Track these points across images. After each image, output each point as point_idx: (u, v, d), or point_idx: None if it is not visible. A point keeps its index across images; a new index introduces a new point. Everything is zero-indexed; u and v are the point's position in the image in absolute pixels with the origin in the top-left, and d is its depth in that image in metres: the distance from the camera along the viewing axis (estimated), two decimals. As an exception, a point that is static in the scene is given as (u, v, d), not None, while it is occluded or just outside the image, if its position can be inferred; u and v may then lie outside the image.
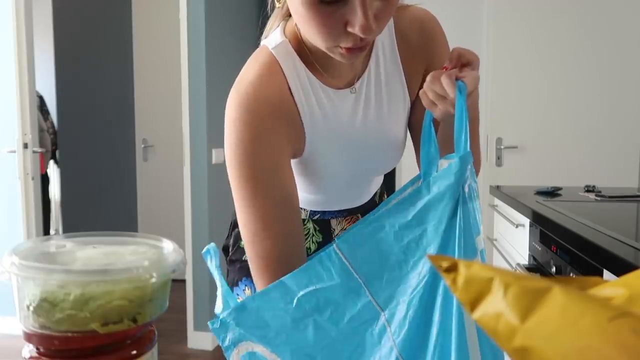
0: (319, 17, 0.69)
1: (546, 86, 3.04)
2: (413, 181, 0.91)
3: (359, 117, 0.90)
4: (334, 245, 0.67)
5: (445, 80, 0.71)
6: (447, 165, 0.81)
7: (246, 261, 1.00)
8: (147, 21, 4.27)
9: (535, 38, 3.01)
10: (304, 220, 1.01)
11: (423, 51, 0.91)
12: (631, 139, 2.98)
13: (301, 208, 1.01)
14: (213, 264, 0.79)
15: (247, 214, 0.80)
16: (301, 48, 0.85)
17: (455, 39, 0.95)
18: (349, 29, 0.69)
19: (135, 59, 4.32)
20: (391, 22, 0.89)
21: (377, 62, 0.90)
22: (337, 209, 1.03)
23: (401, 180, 3.12)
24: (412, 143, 0.99)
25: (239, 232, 1.00)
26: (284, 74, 0.82)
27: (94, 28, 4.21)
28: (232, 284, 1.03)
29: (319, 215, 1.02)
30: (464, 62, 0.75)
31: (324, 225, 1.02)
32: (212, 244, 0.80)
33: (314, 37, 0.74)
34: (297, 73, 0.84)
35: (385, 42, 0.90)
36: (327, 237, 1.03)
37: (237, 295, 1.03)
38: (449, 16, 0.97)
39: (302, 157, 0.87)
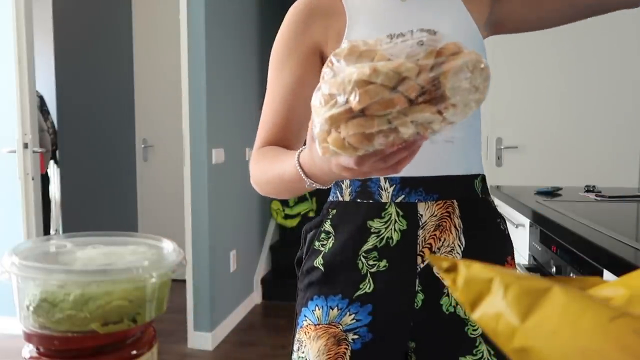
0: None
1: (546, 86, 3.04)
2: None
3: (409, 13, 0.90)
4: None
5: None
6: None
7: (317, 269, 0.92)
8: (147, 21, 4.27)
9: (536, 38, 3.01)
10: (385, 204, 0.87)
11: None
12: (631, 139, 2.98)
13: (380, 188, 0.88)
14: None
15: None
16: None
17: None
18: None
19: (135, 59, 4.32)
20: None
21: None
22: (421, 173, 0.87)
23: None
24: None
25: (313, 235, 0.95)
26: None
27: (94, 28, 4.21)
28: (302, 306, 0.93)
29: (403, 196, 0.87)
30: None
31: (409, 210, 0.87)
32: None
33: None
34: None
35: None
36: (413, 224, 0.87)
37: (306, 317, 0.92)
38: (449, 16, 0.97)
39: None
